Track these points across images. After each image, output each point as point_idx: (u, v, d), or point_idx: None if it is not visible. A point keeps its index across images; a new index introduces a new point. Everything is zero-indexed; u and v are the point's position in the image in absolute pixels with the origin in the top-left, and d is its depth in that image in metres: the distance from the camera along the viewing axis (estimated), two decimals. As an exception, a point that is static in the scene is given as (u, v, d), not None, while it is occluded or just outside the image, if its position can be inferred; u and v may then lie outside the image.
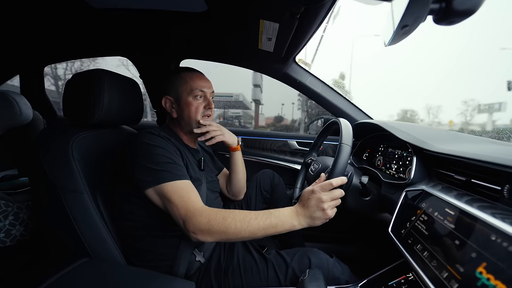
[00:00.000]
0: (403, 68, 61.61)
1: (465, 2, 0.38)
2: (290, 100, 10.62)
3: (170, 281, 0.64)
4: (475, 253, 0.40)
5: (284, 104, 11.52)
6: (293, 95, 9.90)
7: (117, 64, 4.50)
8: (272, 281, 0.72)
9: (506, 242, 0.36)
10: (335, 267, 0.75)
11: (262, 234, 0.63)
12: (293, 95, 9.78)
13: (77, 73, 0.79)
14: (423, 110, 22.80)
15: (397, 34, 0.46)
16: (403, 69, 61.13)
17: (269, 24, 0.79)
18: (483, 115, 15.22)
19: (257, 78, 7.71)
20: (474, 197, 0.51)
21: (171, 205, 0.65)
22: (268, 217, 0.63)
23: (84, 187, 0.70)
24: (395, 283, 0.60)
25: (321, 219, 0.63)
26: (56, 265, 0.62)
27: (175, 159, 0.71)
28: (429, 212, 0.55)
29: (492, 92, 21.81)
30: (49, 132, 0.76)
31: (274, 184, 1.15)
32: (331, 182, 0.63)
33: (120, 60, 4.18)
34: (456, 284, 0.39)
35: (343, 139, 0.71)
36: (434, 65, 63.94)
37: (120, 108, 0.82)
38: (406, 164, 0.86)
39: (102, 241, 0.71)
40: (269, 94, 9.60)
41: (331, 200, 0.63)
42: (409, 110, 26.70)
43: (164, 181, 0.66)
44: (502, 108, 4.85)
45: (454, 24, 0.41)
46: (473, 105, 19.67)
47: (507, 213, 0.42)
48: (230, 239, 0.63)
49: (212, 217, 0.62)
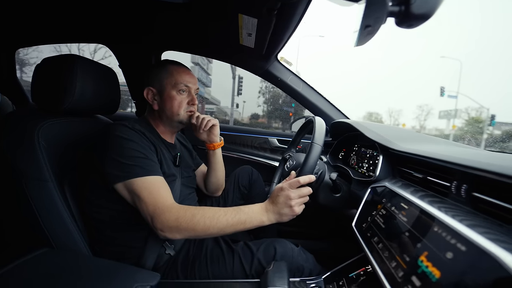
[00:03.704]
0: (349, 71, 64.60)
1: (422, 6, 0.40)
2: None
3: (135, 272, 0.63)
4: (420, 243, 0.42)
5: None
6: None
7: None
8: (237, 271, 0.73)
9: (445, 232, 0.39)
10: (300, 255, 0.77)
11: (231, 231, 0.64)
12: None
13: (48, 57, 0.76)
14: (385, 113, 24.05)
15: (361, 34, 0.47)
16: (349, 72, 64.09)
17: (248, 19, 0.79)
18: (440, 120, 16.47)
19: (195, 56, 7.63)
20: (427, 193, 0.54)
21: (139, 202, 0.64)
22: (237, 213, 0.64)
23: (50, 175, 0.68)
24: (354, 275, 0.63)
25: (288, 215, 0.66)
26: (13, 255, 0.59)
27: (147, 154, 0.70)
28: (388, 206, 0.58)
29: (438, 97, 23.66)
30: (15, 116, 0.72)
31: (252, 180, 1.16)
32: (298, 179, 0.66)
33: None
34: (402, 272, 0.42)
35: (315, 138, 0.73)
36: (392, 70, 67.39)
37: (94, 96, 0.79)
38: (375, 162, 0.89)
39: (67, 231, 0.69)
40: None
41: (298, 197, 0.66)
42: (374, 112, 28.06)
43: (134, 176, 0.65)
44: (458, 114, 5.24)
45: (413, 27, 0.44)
46: (427, 109, 20.97)
47: (452, 207, 0.45)
48: (199, 235, 0.64)
49: (181, 215, 0.62)
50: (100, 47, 9.37)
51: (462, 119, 14.46)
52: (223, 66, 20.48)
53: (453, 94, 13.06)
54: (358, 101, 55.46)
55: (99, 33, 1.23)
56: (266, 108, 19.10)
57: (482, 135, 9.27)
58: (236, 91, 12.81)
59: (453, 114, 9.74)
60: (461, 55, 77.75)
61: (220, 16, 0.88)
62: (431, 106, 22.94)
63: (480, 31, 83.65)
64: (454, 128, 12.87)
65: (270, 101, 18.99)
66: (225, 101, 21.58)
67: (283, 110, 17.55)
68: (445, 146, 0.78)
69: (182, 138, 1.06)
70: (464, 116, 14.42)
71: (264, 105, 19.12)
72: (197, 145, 1.49)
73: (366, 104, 60.50)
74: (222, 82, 19.48)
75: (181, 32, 1.12)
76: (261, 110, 19.04)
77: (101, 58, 5.04)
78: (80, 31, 1.23)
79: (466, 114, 14.51)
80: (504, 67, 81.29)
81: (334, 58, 62.14)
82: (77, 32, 1.24)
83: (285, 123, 15.76)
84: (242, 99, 17.99)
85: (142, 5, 0.89)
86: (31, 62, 8.66)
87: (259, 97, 18.50)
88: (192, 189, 0.97)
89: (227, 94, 17.46)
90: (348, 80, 60.73)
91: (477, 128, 11.93)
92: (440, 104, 22.09)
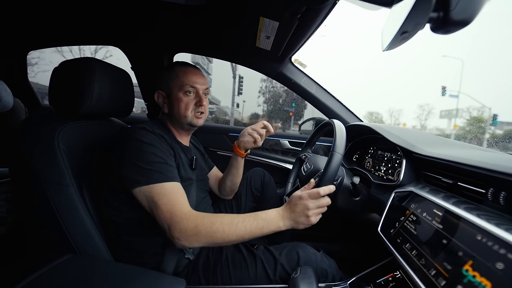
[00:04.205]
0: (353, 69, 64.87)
1: (462, 13, 0.40)
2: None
3: (159, 277, 0.63)
4: (462, 251, 0.42)
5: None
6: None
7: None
8: (261, 277, 0.72)
9: (491, 242, 0.38)
10: (323, 261, 0.76)
11: (249, 237, 0.63)
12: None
13: (66, 60, 0.76)
14: (386, 112, 24.10)
15: (396, 40, 0.47)
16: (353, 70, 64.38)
17: (269, 22, 0.79)
18: (442, 120, 16.56)
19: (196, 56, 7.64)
20: (460, 199, 0.54)
21: (156, 208, 0.63)
22: (255, 219, 0.64)
23: (70, 179, 0.67)
24: (383, 281, 0.62)
25: (304, 224, 0.66)
26: (38, 262, 0.59)
27: (167, 159, 0.69)
28: (418, 212, 0.58)
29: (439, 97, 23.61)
30: (34, 120, 0.71)
31: (264, 183, 1.15)
32: (319, 191, 0.65)
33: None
34: (444, 281, 0.41)
35: (336, 147, 0.72)
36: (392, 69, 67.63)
37: (110, 99, 0.79)
38: (395, 166, 0.89)
39: (88, 236, 0.68)
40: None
41: (316, 208, 0.65)
42: (374, 112, 28.10)
43: (153, 182, 0.64)
44: (459, 114, 5.25)
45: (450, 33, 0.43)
46: (428, 109, 21.00)
47: (491, 214, 0.45)
48: (217, 243, 0.63)
49: (200, 222, 0.61)
50: (100, 47, 9.37)
51: (464, 119, 14.47)
52: (223, 66, 20.44)
53: (454, 93, 13.05)
54: (358, 100, 55.63)
55: (112, 35, 1.23)
56: (266, 108, 19.08)
57: (484, 135, 9.26)
58: (236, 91, 12.80)
59: (455, 113, 9.74)
60: (463, 53, 77.75)
61: (238, 18, 0.88)
62: (432, 105, 22.98)
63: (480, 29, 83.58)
64: (455, 127, 12.87)
65: (270, 101, 18.98)
66: (225, 101, 21.58)
67: (283, 110, 17.53)
68: (471, 150, 0.77)
69: (194, 140, 1.05)
70: (465, 115, 14.43)
71: (264, 105, 19.10)
72: (208, 148, 1.49)
73: (366, 104, 60.63)
74: (222, 81, 19.46)
75: (194, 34, 1.11)
76: (261, 110, 19.03)
77: (101, 58, 5.10)
78: (92, 33, 1.23)
79: (467, 114, 14.51)
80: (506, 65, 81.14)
81: (334, 58, 62.42)
82: (89, 34, 1.24)
83: (285, 123, 15.74)
84: (242, 99, 17.98)
85: (155, 7, 0.89)
86: (32, 62, 8.69)
87: (259, 96, 18.49)
88: (206, 192, 0.97)
89: (227, 93, 17.42)
90: (348, 80, 61.00)
91: (479, 127, 11.92)
92: (442, 104, 22.18)
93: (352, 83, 60.89)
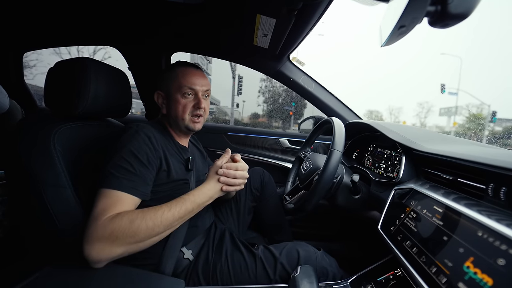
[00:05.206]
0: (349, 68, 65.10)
1: (460, 6, 0.39)
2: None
3: (158, 279, 0.62)
4: (463, 248, 0.41)
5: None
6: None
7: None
8: (261, 276, 0.72)
9: (492, 238, 0.38)
10: (323, 260, 0.76)
11: (180, 223, 0.64)
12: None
13: (61, 60, 0.75)
14: (385, 111, 24.16)
15: (393, 35, 0.46)
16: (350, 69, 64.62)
17: (266, 19, 0.78)
18: (441, 117, 16.64)
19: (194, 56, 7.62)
20: (460, 196, 0.53)
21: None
22: (183, 204, 0.64)
23: (67, 181, 0.66)
24: (383, 279, 0.62)
25: (219, 187, 0.71)
26: (35, 265, 0.58)
27: (140, 167, 0.65)
28: (418, 209, 0.57)
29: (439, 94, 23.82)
30: (29, 122, 0.71)
31: (264, 182, 1.14)
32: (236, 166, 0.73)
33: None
34: (445, 278, 0.41)
35: (335, 144, 0.72)
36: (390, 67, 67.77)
37: (107, 99, 0.78)
38: (394, 163, 0.88)
39: None
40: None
41: (225, 172, 0.71)
42: (374, 110, 28.15)
43: (106, 187, 0.60)
44: (458, 111, 5.26)
45: (448, 27, 0.42)
46: (427, 107, 21.07)
47: (492, 210, 0.44)
48: (143, 240, 0.58)
49: (116, 224, 0.55)
50: (99, 48, 9.35)
51: (463, 116, 14.47)
52: (222, 66, 20.39)
53: (453, 91, 13.04)
54: (358, 99, 55.62)
55: (109, 35, 1.22)
56: (266, 107, 19.06)
57: (483, 132, 9.27)
58: (236, 91, 12.79)
59: (454, 111, 9.74)
60: (461, 51, 77.61)
61: (236, 16, 0.87)
62: (432, 103, 23.01)
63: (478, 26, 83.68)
64: (455, 125, 12.86)
65: (270, 100, 18.96)
66: (224, 101, 21.54)
67: (283, 109, 17.52)
68: (470, 146, 0.77)
69: (194, 140, 1.04)
70: (465, 113, 14.43)
71: (264, 105, 19.08)
72: (207, 147, 1.48)
73: (366, 103, 60.66)
74: (221, 82, 19.41)
75: (192, 33, 1.11)
76: (261, 110, 19.01)
77: (101, 59, 5.08)
78: (89, 33, 1.22)
79: (467, 111, 14.51)
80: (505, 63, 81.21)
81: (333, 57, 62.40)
82: (86, 34, 1.23)
83: (285, 123, 15.73)
84: (241, 99, 17.96)
85: (152, 6, 0.88)
86: (30, 64, 8.67)
87: (259, 96, 18.44)
88: None
89: (227, 94, 17.37)
90: (348, 79, 61.06)
91: (478, 124, 11.92)
92: (441, 101, 22.15)
93: (351, 82, 60.99)
